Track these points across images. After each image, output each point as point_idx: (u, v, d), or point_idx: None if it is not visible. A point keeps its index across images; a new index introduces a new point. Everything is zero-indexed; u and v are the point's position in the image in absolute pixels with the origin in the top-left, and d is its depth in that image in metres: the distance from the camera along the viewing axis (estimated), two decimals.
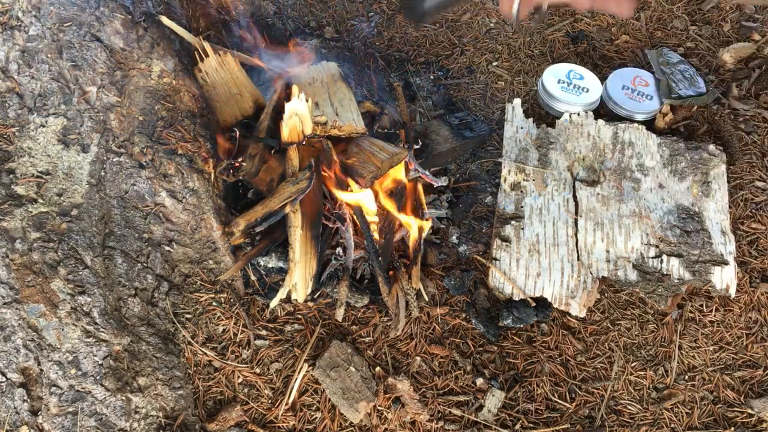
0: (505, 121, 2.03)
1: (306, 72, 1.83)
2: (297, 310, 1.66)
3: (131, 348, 1.42)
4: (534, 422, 1.53)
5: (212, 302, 1.61)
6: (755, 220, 1.85)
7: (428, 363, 1.60)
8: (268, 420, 1.50)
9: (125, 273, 1.50)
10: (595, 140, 1.98)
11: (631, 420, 1.54)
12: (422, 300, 1.67)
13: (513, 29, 1.50)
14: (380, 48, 2.31)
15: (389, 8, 2.43)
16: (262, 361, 1.57)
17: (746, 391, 1.59)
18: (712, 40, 2.31)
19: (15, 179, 1.46)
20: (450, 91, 2.19)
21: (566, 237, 1.77)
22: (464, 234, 1.83)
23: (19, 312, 1.33)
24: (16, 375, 1.30)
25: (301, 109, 1.57)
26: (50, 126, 1.53)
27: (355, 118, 1.71)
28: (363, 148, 1.69)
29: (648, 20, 2.39)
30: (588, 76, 2.11)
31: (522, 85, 2.20)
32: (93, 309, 1.39)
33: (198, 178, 1.62)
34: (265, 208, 1.57)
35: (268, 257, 1.68)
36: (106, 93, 1.59)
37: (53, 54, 1.57)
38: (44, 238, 1.41)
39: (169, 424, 1.41)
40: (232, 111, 1.77)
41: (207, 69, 1.76)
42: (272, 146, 1.68)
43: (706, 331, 1.67)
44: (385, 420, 1.51)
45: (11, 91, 1.54)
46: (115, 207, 1.54)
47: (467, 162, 2.00)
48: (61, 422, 1.29)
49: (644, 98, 2.07)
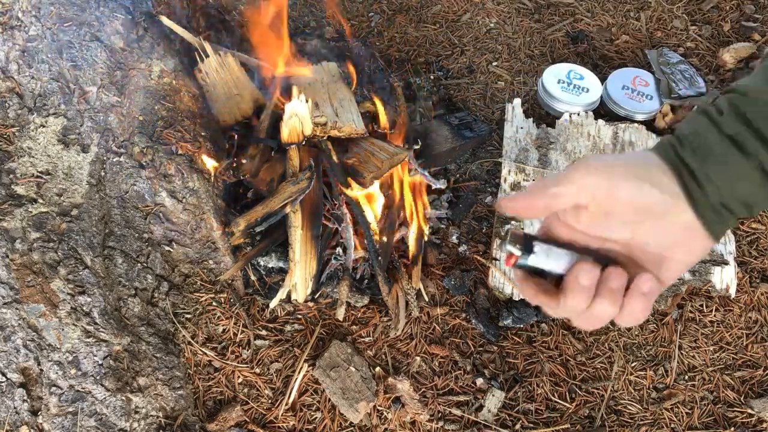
0: (505, 121, 2.03)
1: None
2: (297, 310, 1.66)
3: (131, 348, 1.42)
4: (534, 422, 1.53)
5: (212, 302, 1.61)
6: (755, 219, 1.85)
7: (428, 363, 1.60)
8: (268, 420, 1.50)
9: (125, 273, 1.50)
10: (595, 140, 1.98)
11: (631, 420, 1.54)
12: (422, 300, 1.67)
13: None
14: (380, 48, 2.31)
15: (389, 8, 2.43)
16: (262, 361, 1.57)
17: (746, 391, 1.59)
18: (712, 40, 2.31)
19: (15, 179, 1.46)
20: (450, 91, 2.19)
21: None
22: (464, 234, 1.83)
23: (19, 312, 1.33)
24: (16, 375, 1.30)
25: (300, 109, 1.57)
26: (50, 126, 1.53)
27: (354, 119, 1.72)
28: (363, 148, 1.69)
29: (648, 20, 2.39)
30: (588, 76, 2.11)
31: (522, 85, 2.20)
32: (93, 309, 1.39)
33: (198, 178, 1.62)
34: (265, 208, 1.57)
35: (268, 257, 1.68)
36: (106, 93, 1.59)
37: (53, 54, 1.57)
38: (44, 238, 1.41)
39: (169, 424, 1.41)
40: (232, 111, 1.77)
41: (207, 69, 1.76)
42: (272, 147, 1.68)
43: (706, 331, 1.67)
44: (385, 420, 1.51)
45: (11, 91, 1.54)
46: (115, 207, 1.54)
47: (467, 162, 2.00)
48: (61, 422, 1.29)
49: (644, 98, 2.07)
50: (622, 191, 0.57)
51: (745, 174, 0.55)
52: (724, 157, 0.56)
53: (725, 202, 0.57)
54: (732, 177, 0.56)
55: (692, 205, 0.57)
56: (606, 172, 0.58)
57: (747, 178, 0.55)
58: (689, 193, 0.57)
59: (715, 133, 0.56)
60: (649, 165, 0.59)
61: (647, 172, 0.58)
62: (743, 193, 0.56)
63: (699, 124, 0.58)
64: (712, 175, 0.56)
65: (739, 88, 0.57)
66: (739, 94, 0.57)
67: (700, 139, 0.57)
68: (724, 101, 0.58)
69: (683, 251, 0.59)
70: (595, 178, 0.58)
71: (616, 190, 0.57)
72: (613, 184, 0.57)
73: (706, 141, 0.57)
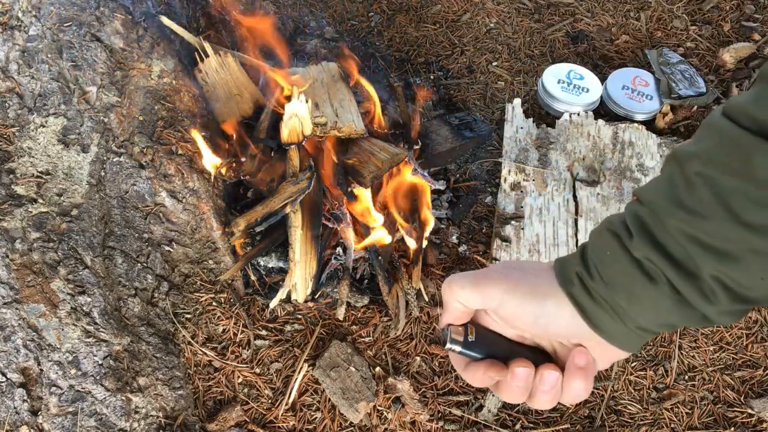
0: (505, 121, 2.03)
1: (306, 72, 1.83)
2: (297, 310, 1.66)
3: (131, 348, 1.42)
4: (534, 422, 1.53)
5: (212, 302, 1.61)
6: None
7: (428, 363, 1.60)
8: (268, 420, 1.50)
9: (125, 273, 1.50)
10: (595, 140, 1.98)
11: (631, 420, 1.54)
12: (422, 300, 1.67)
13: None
14: (380, 48, 2.31)
15: (389, 8, 2.43)
16: (262, 361, 1.57)
17: (746, 391, 1.59)
18: (712, 40, 2.31)
19: (15, 179, 1.46)
20: (450, 91, 2.19)
21: (566, 237, 1.77)
22: (464, 234, 1.83)
23: (19, 312, 1.33)
24: (16, 375, 1.30)
25: (300, 110, 1.57)
26: (50, 126, 1.53)
27: (354, 119, 1.71)
28: (363, 148, 1.69)
29: (648, 20, 2.39)
30: (588, 76, 2.11)
31: (522, 85, 2.20)
32: (93, 309, 1.39)
33: (198, 178, 1.62)
34: (266, 208, 1.57)
35: (268, 257, 1.68)
36: (106, 93, 1.59)
37: (53, 54, 1.57)
38: (44, 238, 1.41)
39: (169, 424, 1.41)
40: (232, 111, 1.77)
41: (207, 69, 1.76)
42: (272, 147, 1.68)
43: (706, 331, 1.67)
44: (385, 420, 1.51)
45: (11, 91, 1.54)
46: (115, 207, 1.54)
47: (467, 162, 2.00)
48: (61, 422, 1.29)
49: (644, 98, 2.07)
50: (518, 310, 0.57)
51: (661, 302, 0.52)
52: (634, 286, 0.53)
53: (641, 326, 0.54)
54: (648, 306, 0.53)
55: (602, 336, 0.55)
56: (500, 285, 0.57)
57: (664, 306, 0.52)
58: (597, 326, 0.55)
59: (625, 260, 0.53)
60: (546, 291, 0.56)
61: (544, 295, 0.56)
62: (664, 321, 0.54)
63: (608, 246, 0.55)
64: (626, 307, 0.53)
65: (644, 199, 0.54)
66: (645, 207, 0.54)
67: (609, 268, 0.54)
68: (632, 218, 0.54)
69: (599, 356, 0.58)
70: (476, 295, 0.58)
71: (510, 306, 0.57)
72: (508, 301, 0.57)
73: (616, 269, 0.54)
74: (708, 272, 0.49)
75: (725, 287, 0.49)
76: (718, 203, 0.48)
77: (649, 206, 0.52)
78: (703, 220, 0.48)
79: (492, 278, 0.58)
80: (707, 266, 0.49)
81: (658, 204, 0.52)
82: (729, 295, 0.49)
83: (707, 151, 0.49)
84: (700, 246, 0.49)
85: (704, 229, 0.48)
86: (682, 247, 0.50)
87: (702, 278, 0.49)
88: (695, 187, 0.49)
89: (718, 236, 0.48)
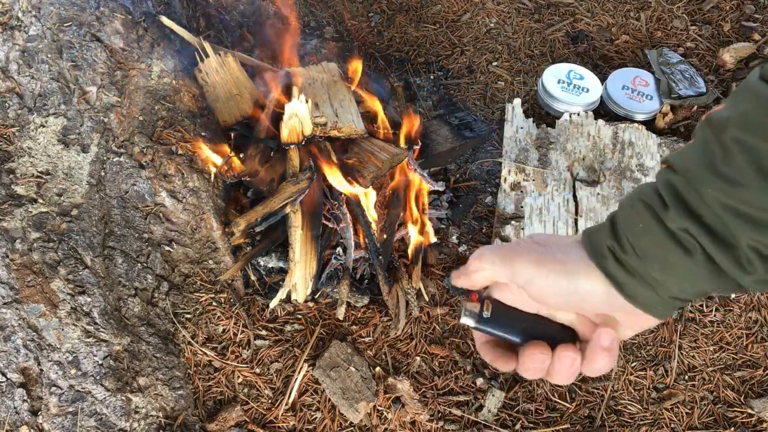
0: (505, 121, 2.03)
1: (306, 72, 1.83)
2: (297, 310, 1.66)
3: (131, 348, 1.42)
4: (534, 422, 1.53)
5: (212, 302, 1.61)
6: None
7: (428, 363, 1.60)
8: (268, 420, 1.50)
9: (125, 273, 1.50)
10: (595, 140, 1.98)
11: (631, 420, 1.54)
12: (422, 300, 1.67)
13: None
14: (380, 48, 2.31)
15: (389, 8, 2.43)
16: (262, 361, 1.57)
17: (746, 391, 1.59)
18: (712, 40, 2.31)
19: (15, 179, 1.46)
20: (450, 91, 2.19)
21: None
22: (464, 234, 1.83)
23: (19, 312, 1.33)
24: (16, 375, 1.30)
25: (300, 110, 1.57)
26: (50, 126, 1.53)
27: (354, 120, 1.72)
28: (363, 148, 1.69)
29: (648, 20, 2.39)
30: (588, 76, 2.11)
31: (522, 85, 2.20)
32: (93, 309, 1.39)
33: (198, 178, 1.62)
34: (266, 208, 1.57)
35: (268, 257, 1.68)
36: (106, 93, 1.59)
37: (53, 54, 1.57)
38: (44, 238, 1.41)
39: (169, 424, 1.41)
40: (232, 111, 1.77)
41: (207, 69, 1.76)
42: (272, 147, 1.68)
43: (706, 331, 1.67)
44: (385, 420, 1.51)
45: (11, 91, 1.54)
46: (115, 207, 1.54)
47: (467, 162, 2.00)
48: (61, 422, 1.29)
49: (644, 98, 2.07)
50: (549, 288, 0.56)
51: (694, 273, 0.52)
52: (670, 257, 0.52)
53: (675, 296, 0.54)
54: (681, 276, 0.52)
55: (637, 306, 0.55)
56: (530, 262, 0.56)
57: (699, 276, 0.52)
58: (632, 297, 0.54)
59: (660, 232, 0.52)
60: (577, 267, 0.56)
61: (575, 272, 0.56)
62: (698, 289, 0.53)
63: (641, 219, 0.54)
64: (660, 278, 0.53)
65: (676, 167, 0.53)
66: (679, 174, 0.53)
67: (642, 240, 0.53)
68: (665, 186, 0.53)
69: (630, 325, 0.58)
70: (506, 270, 0.57)
71: (540, 284, 0.56)
72: (538, 278, 0.56)
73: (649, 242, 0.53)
74: (745, 242, 0.48)
75: (762, 256, 0.49)
76: (756, 171, 0.47)
77: (684, 175, 0.51)
78: (741, 189, 0.47)
79: (522, 255, 0.57)
80: (744, 236, 0.48)
81: (694, 172, 0.50)
82: (766, 264, 0.49)
83: (745, 115, 0.48)
84: (737, 215, 0.48)
85: (741, 197, 0.48)
86: (719, 217, 0.49)
87: (739, 248, 0.49)
88: (732, 154, 0.48)
89: (756, 205, 0.47)
